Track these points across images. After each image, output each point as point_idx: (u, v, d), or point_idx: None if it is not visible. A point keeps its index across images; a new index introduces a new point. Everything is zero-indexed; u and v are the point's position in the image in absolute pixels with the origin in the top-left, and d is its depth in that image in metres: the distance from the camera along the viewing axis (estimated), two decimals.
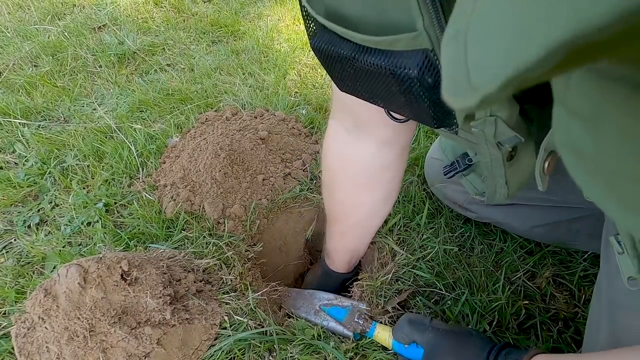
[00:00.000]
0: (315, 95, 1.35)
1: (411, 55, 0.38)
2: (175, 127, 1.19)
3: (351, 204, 0.77)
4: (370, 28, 0.40)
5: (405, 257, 0.89)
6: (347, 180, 0.74)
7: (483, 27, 0.18)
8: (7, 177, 1.04)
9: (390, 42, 0.38)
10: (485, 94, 0.17)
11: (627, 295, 0.52)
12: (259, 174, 1.02)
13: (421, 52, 0.37)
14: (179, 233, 0.89)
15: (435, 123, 0.45)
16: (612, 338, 0.55)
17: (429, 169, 0.98)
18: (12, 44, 1.58)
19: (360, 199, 0.76)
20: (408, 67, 0.38)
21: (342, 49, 0.43)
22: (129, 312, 0.66)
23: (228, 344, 0.70)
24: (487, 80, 0.17)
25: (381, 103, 0.50)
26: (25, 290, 0.81)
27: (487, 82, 0.17)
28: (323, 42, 0.45)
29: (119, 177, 1.05)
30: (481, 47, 0.18)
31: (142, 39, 1.65)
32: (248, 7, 1.90)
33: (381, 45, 0.39)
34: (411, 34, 0.37)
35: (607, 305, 0.57)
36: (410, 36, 0.37)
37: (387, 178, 0.73)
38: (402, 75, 0.39)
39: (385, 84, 0.43)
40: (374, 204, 0.77)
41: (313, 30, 0.46)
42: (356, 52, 0.42)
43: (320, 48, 0.45)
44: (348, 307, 0.80)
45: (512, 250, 0.91)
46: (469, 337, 0.64)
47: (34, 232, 0.93)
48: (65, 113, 1.28)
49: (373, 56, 0.41)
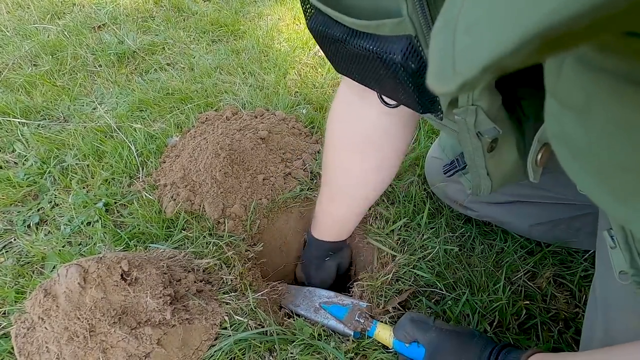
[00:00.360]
0: (315, 95, 1.35)
1: (396, 41, 0.40)
2: (175, 126, 1.19)
3: (343, 166, 0.77)
4: (364, 13, 0.41)
5: (406, 257, 0.88)
6: (344, 140, 0.74)
7: (471, 18, 0.19)
8: (6, 177, 1.04)
9: (376, 27, 0.40)
10: (464, 79, 0.18)
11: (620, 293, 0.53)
12: (259, 174, 1.02)
13: (405, 38, 0.39)
14: (179, 233, 0.89)
15: (420, 108, 0.47)
16: (606, 336, 0.55)
17: (429, 168, 0.98)
18: (12, 43, 1.58)
19: (352, 163, 0.75)
20: (393, 52, 0.40)
21: (335, 31, 0.45)
22: (129, 312, 0.66)
23: (228, 344, 0.70)
24: (468, 66, 0.18)
25: (373, 86, 0.51)
26: (25, 290, 0.81)
27: (468, 68, 0.18)
28: (318, 23, 0.47)
29: (119, 176, 1.05)
30: (468, 36, 0.19)
31: (142, 38, 1.65)
32: (248, 7, 1.90)
33: (368, 30, 0.41)
34: (395, 20, 0.38)
35: (601, 303, 0.57)
36: (395, 22, 0.38)
37: (386, 147, 0.72)
38: (388, 59, 0.41)
39: (374, 67, 0.45)
40: (365, 171, 0.76)
41: (310, 12, 0.48)
42: (347, 35, 0.44)
43: (316, 29, 0.48)
44: (348, 306, 0.79)
45: (513, 250, 0.91)
46: (471, 337, 0.64)
47: (34, 232, 0.93)
48: (65, 112, 1.27)
49: (362, 39, 0.42)
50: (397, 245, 0.92)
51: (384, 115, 0.68)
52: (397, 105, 0.57)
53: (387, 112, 0.66)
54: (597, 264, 0.59)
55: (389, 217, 0.96)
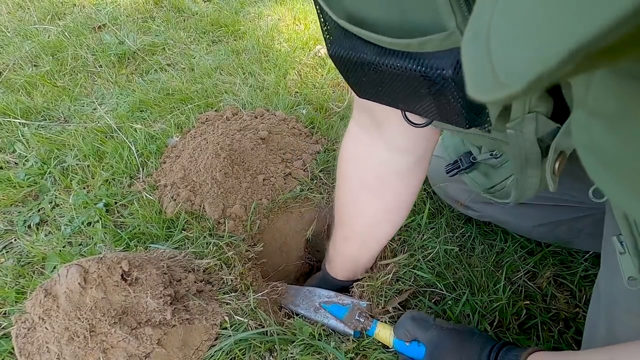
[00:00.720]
0: (315, 95, 1.35)
1: (444, 56, 0.37)
2: (176, 126, 1.19)
3: (357, 206, 0.75)
4: (391, 30, 0.39)
5: (406, 257, 0.88)
6: (355, 181, 0.72)
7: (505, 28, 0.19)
8: (7, 177, 1.04)
9: (420, 44, 0.37)
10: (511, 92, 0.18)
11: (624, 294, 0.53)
12: (260, 174, 1.02)
13: (454, 51, 0.37)
14: (179, 233, 0.89)
15: (467, 123, 0.44)
16: (609, 335, 0.56)
17: (431, 166, 0.98)
18: (12, 43, 1.58)
19: (365, 203, 0.73)
20: (441, 67, 0.37)
21: (365, 53, 0.42)
22: (130, 312, 0.66)
23: (228, 344, 0.70)
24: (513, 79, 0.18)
25: (404, 107, 0.48)
26: (26, 290, 0.81)
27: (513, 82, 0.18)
28: (343, 48, 0.44)
29: (119, 177, 1.05)
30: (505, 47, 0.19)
31: (142, 38, 1.65)
32: (248, 7, 1.90)
33: (409, 48, 0.38)
34: (442, 34, 0.36)
35: (605, 303, 0.57)
36: (442, 36, 0.36)
37: (399, 186, 0.70)
38: (435, 76, 0.38)
39: (412, 86, 0.42)
40: (377, 212, 0.74)
41: (331, 37, 0.45)
42: (381, 56, 0.41)
43: (340, 55, 0.44)
44: (349, 305, 0.79)
45: (513, 250, 0.91)
46: (471, 335, 0.64)
47: (34, 232, 0.93)
48: (66, 113, 1.27)
49: (401, 59, 0.39)
50: (397, 245, 0.92)
51: (396, 154, 0.66)
52: (427, 124, 0.54)
53: (399, 150, 0.64)
54: (602, 264, 0.59)
55: None
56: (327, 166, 1.09)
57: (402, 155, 0.65)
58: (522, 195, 0.61)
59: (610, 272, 0.56)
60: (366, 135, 0.67)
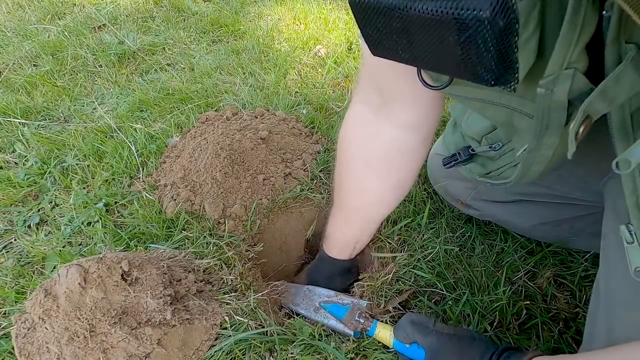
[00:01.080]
0: (315, 95, 1.35)
1: None
2: (176, 126, 1.19)
3: (359, 187, 0.74)
4: None
5: (406, 257, 0.88)
6: (360, 162, 0.71)
7: None
8: (7, 177, 1.04)
9: None
10: None
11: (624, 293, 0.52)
12: (260, 174, 1.02)
13: None
14: (179, 233, 0.89)
15: (494, 78, 0.40)
16: (609, 334, 0.55)
17: (432, 164, 0.98)
18: (12, 43, 1.58)
19: (370, 183, 0.73)
20: (479, 7, 0.33)
21: None
22: (130, 312, 0.66)
23: (228, 344, 0.70)
24: None
25: (423, 63, 0.45)
26: (26, 290, 0.81)
27: None
28: None
29: (119, 177, 1.05)
30: None
31: (142, 38, 1.65)
32: (248, 7, 1.90)
33: None
34: None
35: (605, 302, 0.57)
36: None
37: (404, 165, 0.70)
38: (470, 18, 0.34)
39: (439, 35, 0.38)
40: (382, 191, 0.74)
41: None
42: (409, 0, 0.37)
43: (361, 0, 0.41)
44: (349, 305, 0.79)
45: (513, 250, 0.91)
46: (471, 341, 0.63)
47: (34, 232, 0.93)
48: (65, 113, 1.27)
49: (432, 1, 0.36)
50: (397, 245, 0.92)
51: (402, 132, 0.65)
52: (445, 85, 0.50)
53: (407, 127, 0.64)
54: (602, 262, 0.59)
55: (389, 217, 0.96)
56: (327, 166, 1.09)
57: (409, 133, 0.65)
58: (526, 173, 0.57)
59: (610, 269, 0.55)
60: (372, 115, 0.66)
